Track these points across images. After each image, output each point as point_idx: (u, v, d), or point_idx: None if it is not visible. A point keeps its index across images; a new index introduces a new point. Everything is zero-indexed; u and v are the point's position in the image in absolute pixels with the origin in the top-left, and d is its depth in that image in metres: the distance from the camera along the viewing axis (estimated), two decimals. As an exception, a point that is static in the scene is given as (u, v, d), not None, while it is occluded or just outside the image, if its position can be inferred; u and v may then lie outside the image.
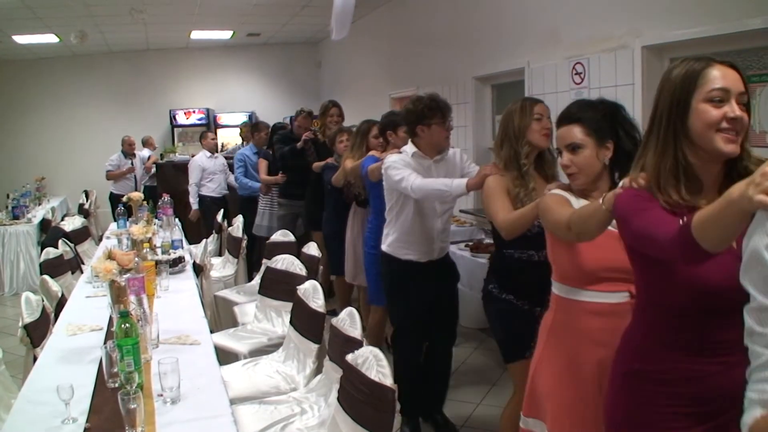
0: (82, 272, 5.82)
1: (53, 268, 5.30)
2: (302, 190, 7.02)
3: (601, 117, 2.57)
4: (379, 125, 5.05)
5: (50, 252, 5.52)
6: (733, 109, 1.80)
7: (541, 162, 3.28)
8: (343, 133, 6.08)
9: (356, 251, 5.59)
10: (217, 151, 9.23)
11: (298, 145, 6.89)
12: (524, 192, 3.11)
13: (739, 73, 1.87)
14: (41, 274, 5.05)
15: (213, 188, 8.83)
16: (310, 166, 6.63)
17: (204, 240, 6.25)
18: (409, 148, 4.11)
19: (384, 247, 4.31)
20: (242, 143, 10.34)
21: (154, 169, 10.56)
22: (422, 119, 4.02)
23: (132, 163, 10.50)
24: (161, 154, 11.32)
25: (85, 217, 9.59)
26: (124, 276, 3.45)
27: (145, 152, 11.22)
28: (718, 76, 1.84)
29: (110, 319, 3.69)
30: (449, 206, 4.30)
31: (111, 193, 10.39)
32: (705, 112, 1.82)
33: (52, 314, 4.18)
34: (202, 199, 8.79)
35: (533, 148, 3.20)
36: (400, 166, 3.95)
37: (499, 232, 3.12)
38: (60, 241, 6.10)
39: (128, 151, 10.54)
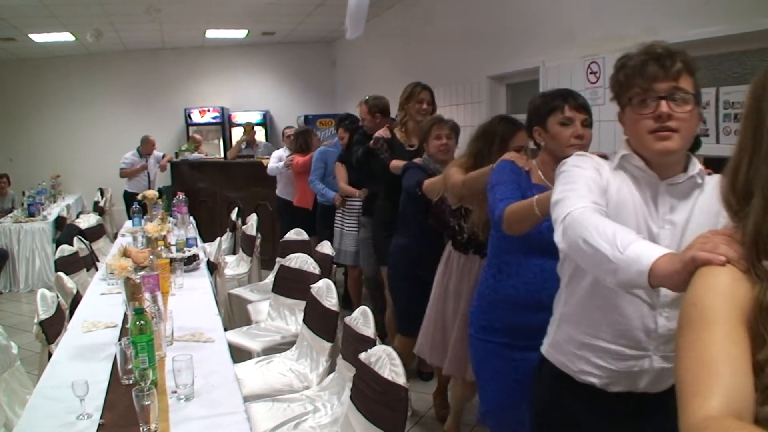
0: (96, 269, 5.85)
1: (68, 265, 5.32)
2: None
3: None
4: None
5: (65, 249, 5.55)
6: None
7: None
8: (444, 125, 4.33)
9: (445, 318, 3.88)
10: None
11: (371, 143, 5.28)
12: None
13: None
14: (56, 271, 5.08)
15: (288, 190, 7.73)
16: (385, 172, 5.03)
17: (218, 238, 6.27)
18: (621, 149, 2.10)
19: (544, 346, 2.28)
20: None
21: (168, 167, 10.55)
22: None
23: (147, 162, 10.51)
24: (176, 153, 11.34)
25: (100, 215, 9.68)
26: (139, 273, 3.46)
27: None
28: None
29: (125, 316, 3.72)
30: None
31: (125, 191, 10.40)
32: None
33: (67, 311, 4.21)
34: (279, 202, 7.94)
35: None
36: (574, 179, 2.01)
37: None
38: (75, 239, 6.14)
39: (145, 151, 10.50)
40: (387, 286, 5.14)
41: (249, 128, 10.62)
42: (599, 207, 1.88)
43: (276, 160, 7.80)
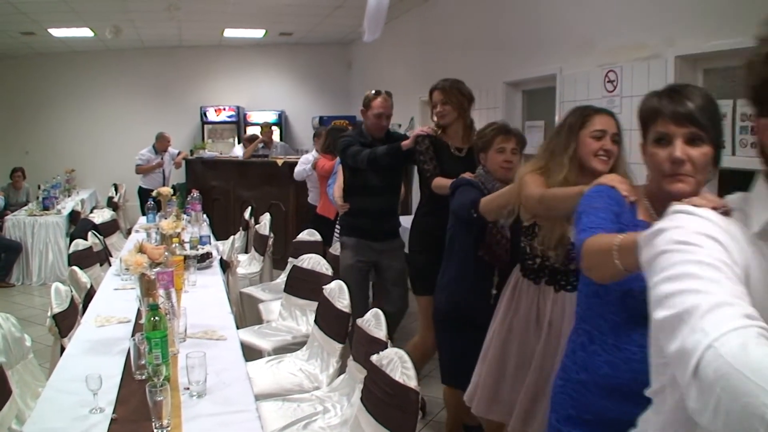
0: (110, 264, 5.88)
1: (82, 259, 5.35)
2: (382, 225, 4.77)
3: None
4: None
5: (79, 243, 5.58)
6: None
7: None
8: (510, 137, 3.56)
9: (506, 361, 3.16)
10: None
11: (404, 144, 4.41)
12: None
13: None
14: (69, 265, 5.12)
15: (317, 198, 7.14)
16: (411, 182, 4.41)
17: (231, 237, 6.29)
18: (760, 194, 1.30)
19: None
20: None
21: (183, 165, 10.59)
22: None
23: (162, 159, 10.53)
24: (191, 150, 11.39)
25: (113, 210, 9.71)
26: (154, 270, 3.48)
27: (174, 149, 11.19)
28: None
29: (138, 311, 3.75)
30: None
31: (140, 188, 10.42)
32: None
33: (81, 305, 4.23)
34: (311, 210, 7.28)
35: None
36: (692, 267, 1.14)
37: None
38: (89, 233, 6.17)
39: (161, 148, 10.52)
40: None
41: (266, 128, 10.63)
42: (761, 327, 1.01)
43: (302, 164, 7.34)
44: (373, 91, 5.05)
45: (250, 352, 4.15)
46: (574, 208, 2.11)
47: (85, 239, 5.83)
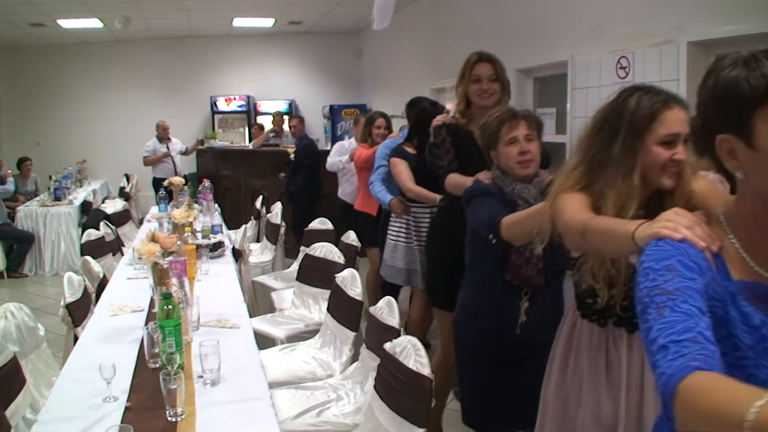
0: (122, 254, 5.90)
1: (94, 249, 5.37)
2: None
3: None
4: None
5: (92, 233, 5.60)
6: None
7: None
8: (517, 121, 2.88)
9: (567, 414, 2.35)
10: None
11: (432, 139, 3.71)
12: None
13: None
14: (82, 255, 5.13)
15: (350, 191, 6.66)
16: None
17: (243, 225, 6.29)
18: None
19: None
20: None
21: (194, 155, 10.61)
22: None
23: (168, 148, 10.53)
24: (202, 140, 11.40)
25: (125, 200, 9.74)
26: (167, 259, 3.49)
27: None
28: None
29: (151, 300, 3.75)
30: None
31: (154, 179, 10.45)
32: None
33: (94, 295, 4.25)
34: (339, 205, 6.86)
35: None
36: None
37: None
38: (101, 223, 6.19)
39: (162, 136, 10.54)
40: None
41: (278, 117, 10.62)
42: None
43: (337, 153, 6.83)
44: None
45: (263, 341, 4.16)
46: (625, 251, 1.65)
47: (98, 229, 5.85)
